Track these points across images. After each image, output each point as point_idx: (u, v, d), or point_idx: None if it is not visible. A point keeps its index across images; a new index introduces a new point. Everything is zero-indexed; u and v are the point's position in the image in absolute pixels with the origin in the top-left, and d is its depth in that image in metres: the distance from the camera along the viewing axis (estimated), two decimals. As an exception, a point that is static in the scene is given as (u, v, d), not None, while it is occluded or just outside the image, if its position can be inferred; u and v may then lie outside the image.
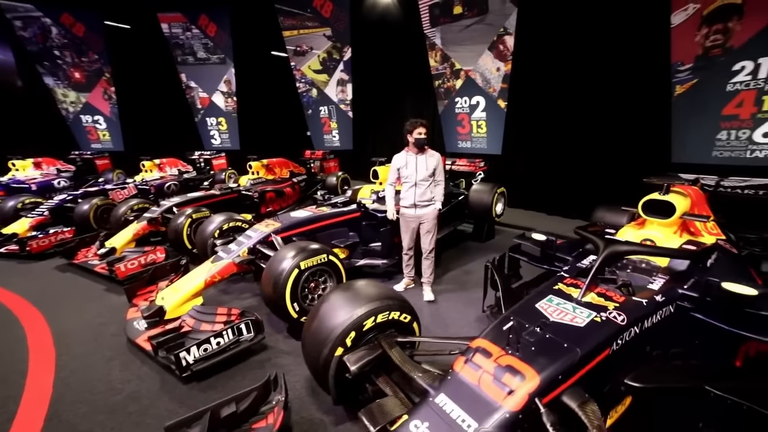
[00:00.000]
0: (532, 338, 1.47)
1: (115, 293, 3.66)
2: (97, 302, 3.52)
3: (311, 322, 1.92)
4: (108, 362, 2.57)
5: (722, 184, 3.65)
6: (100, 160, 9.29)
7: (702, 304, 1.79)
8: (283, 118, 12.48)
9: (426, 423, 1.25)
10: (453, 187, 5.68)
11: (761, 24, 3.48)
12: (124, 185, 6.76)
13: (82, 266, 4.15)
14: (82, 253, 4.44)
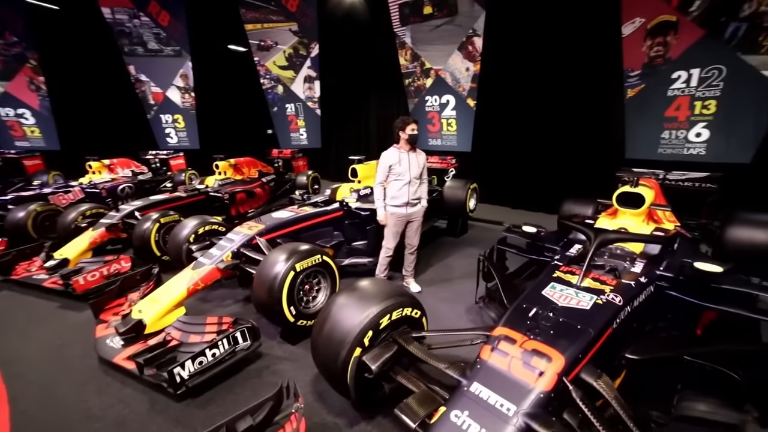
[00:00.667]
0: (548, 323, 1.57)
1: (73, 310, 3.28)
2: (50, 322, 3.13)
3: (323, 325, 1.87)
4: (80, 388, 2.30)
5: (668, 178, 4.11)
6: (30, 160, 8.18)
7: (676, 283, 2.02)
8: (246, 116, 11.89)
9: (466, 412, 1.30)
10: (437, 186, 5.82)
11: (692, 40, 3.98)
12: (67, 188, 6.05)
13: (25, 282, 3.66)
14: (21, 267, 3.91)
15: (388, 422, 1.97)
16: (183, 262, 3.48)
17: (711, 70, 3.90)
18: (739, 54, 3.74)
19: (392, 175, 3.28)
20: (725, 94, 3.87)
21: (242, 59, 9.20)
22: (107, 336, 2.62)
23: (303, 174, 7.43)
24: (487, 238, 5.50)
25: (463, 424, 1.26)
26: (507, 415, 1.26)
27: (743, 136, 3.87)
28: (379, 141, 9.68)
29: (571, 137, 5.90)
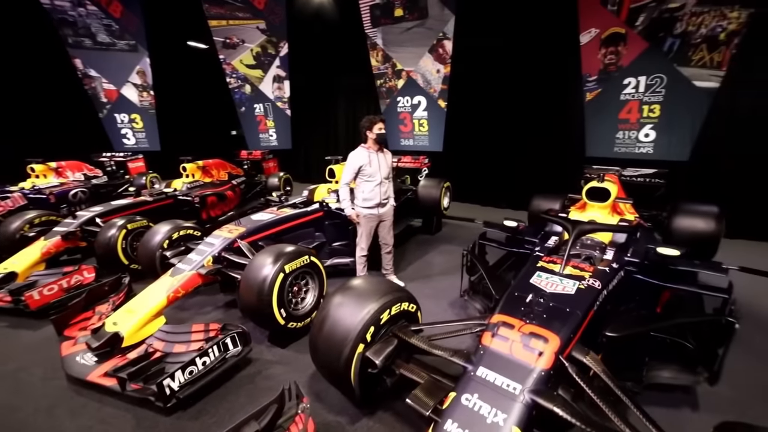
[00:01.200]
0: (540, 308, 1.70)
1: (27, 328, 2.98)
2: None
3: (322, 325, 1.88)
4: (49, 412, 2.10)
5: (623, 174, 4.52)
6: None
7: (643, 267, 2.26)
8: (210, 116, 11.37)
9: (476, 394, 1.38)
10: (401, 184, 5.93)
11: (638, 51, 4.43)
12: (4, 194, 5.44)
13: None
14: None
15: (389, 416, 2.01)
16: (157, 269, 3.29)
17: (654, 78, 4.37)
18: (675, 65, 4.22)
19: (362, 176, 3.30)
20: (666, 100, 4.35)
21: (206, 57, 8.79)
22: (76, 353, 2.42)
23: (275, 176, 7.25)
24: (461, 234, 5.73)
25: (474, 406, 1.35)
26: (514, 394, 1.36)
27: (682, 137, 4.37)
28: (348, 142, 9.69)
29: (538, 137, 6.30)
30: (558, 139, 6.07)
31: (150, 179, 7.26)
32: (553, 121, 6.06)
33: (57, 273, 3.44)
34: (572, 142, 5.66)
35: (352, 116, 9.28)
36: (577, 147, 5.50)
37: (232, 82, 7.87)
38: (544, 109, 6.11)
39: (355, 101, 8.94)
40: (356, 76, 8.52)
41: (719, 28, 3.92)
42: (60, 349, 2.50)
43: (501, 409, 1.32)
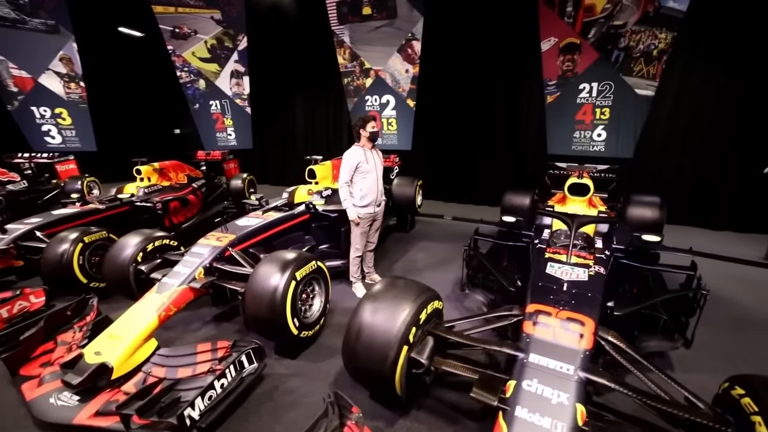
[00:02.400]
0: (566, 295, 1.85)
1: None
2: None
3: (358, 333, 1.82)
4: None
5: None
6: None
7: (628, 253, 2.56)
8: (157, 112, 10.29)
9: (535, 379, 1.47)
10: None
11: (591, 60, 4.98)
12: None
13: None
14: None
15: (424, 414, 2.03)
16: (132, 286, 2.91)
17: (605, 85, 4.93)
18: (621, 74, 4.82)
19: (358, 174, 3.29)
20: (614, 104, 4.95)
21: (148, 46, 7.88)
22: (48, 394, 2.05)
23: (237, 177, 6.77)
24: (434, 231, 5.93)
25: (537, 390, 1.43)
26: (569, 375, 1.48)
27: (627, 137, 5.01)
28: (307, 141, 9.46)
29: (502, 136, 6.74)
30: (521, 138, 6.56)
31: (87, 184, 6.35)
32: (518, 120, 6.53)
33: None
34: (534, 141, 6.16)
35: (317, 115, 9.05)
36: (539, 145, 6.00)
37: (184, 76, 7.18)
38: (511, 110, 6.56)
39: (321, 99, 8.72)
40: (324, 74, 8.33)
41: (652, 45, 4.55)
42: (21, 393, 2.09)
43: (562, 390, 1.42)
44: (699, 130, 5.24)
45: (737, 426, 1.32)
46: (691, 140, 5.34)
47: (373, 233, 3.60)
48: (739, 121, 5.03)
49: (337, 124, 8.75)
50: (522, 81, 6.18)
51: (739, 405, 1.36)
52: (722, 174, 5.28)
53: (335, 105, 8.42)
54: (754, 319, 3.10)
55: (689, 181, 5.48)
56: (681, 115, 5.27)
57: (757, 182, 4.85)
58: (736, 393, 1.40)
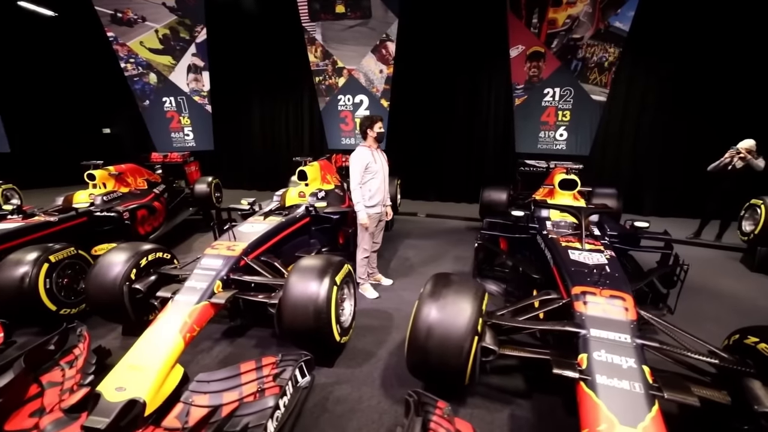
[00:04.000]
0: (600, 276, 2.09)
1: None
2: None
3: (429, 331, 1.84)
4: None
5: (549, 166, 5.57)
6: None
7: (621, 238, 2.93)
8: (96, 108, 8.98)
9: (602, 350, 1.67)
10: None
11: (553, 67, 5.54)
12: None
13: None
14: None
15: (478, 399, 2.13)
16: (127, 308, 2.55)
17: (565, 90, 5.52)
18: (579, 81, 5.45)
19: (367, 174, 3.32)
20: (574, 108, 5.57)
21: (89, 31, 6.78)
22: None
23: (202, 181, 6.22)
24: (413, 228, 6.10)
25: (608, 359, 1.63)
26: (628, 343, 1.70)
27: (585, 137, 5.67)
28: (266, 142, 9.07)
29: (474, 135, 7.15)
30: (493, 137, 7.04)
31: (3, 192, 5.32)
32: (489, 121, 6.99)
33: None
34: (501, 140, 6.66)
35: (280, 114, 8.68)
36: (506, 144, 6.50)
37: (130, 68, 6.35)
38: (478, 111, 6.98)
39: (283, 98, 8.38)
40: (287, 71, 8.00)
41: (604, 57, 5.22)
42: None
43: (627, 356, 1.63)
44: (640, 129, 6.18)
45: (756, 367, 1.63)
46: (634, 139, 6.27)
47: (377, 233, 3.62)
48: (673, 122, 6.04)
49: (309, 124, 8.50)
50: (494, 83, 6.63)
51: (755, 350, 1.68)
52: (660, 167, 6.30)
53: (306, 104, 8.17)
54: (693, 287, 3.67)
55: (634, 174, 6.43)
56: (627, 119, 6.15)
57: (690, 174, 5.87)
58: (751, 341, 1.73)
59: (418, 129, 7.50)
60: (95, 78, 9.27)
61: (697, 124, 5.98)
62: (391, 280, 3.88)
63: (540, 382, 2.26)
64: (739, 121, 5.56)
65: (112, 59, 6.35)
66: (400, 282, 3.92)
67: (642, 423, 1.37)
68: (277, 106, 8.67)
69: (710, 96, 5.86)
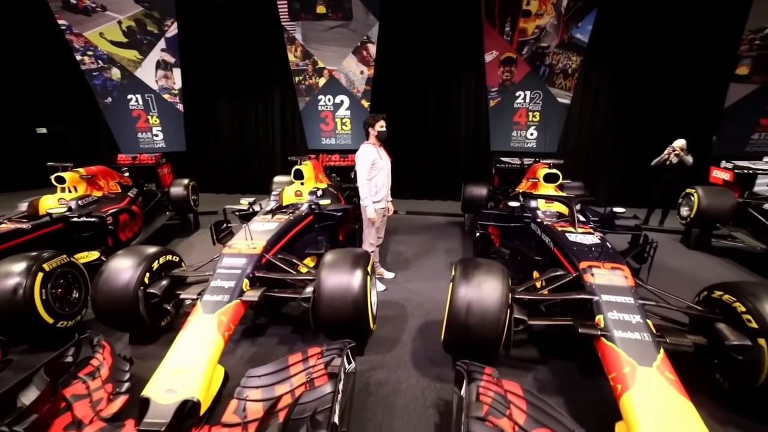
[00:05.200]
0: (598, 253, 2.43)
1: None
2: None
3: (468, 310, 2.03)
4: None
5: (524, 162, 6.07)
6: None
7: (602, 222, 3.35)
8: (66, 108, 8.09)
9: (614, 310, 1.99)
10: (340, 182, 6.01)
11: (524, 72, 6.05)
12: None
13: None
14: None
15: (505, 369, 2.36)
16: (142, 313, 2.44)
17: (535, 93, 6.06)
18: (547, 86, 6.00)
19: (374, 170, 3.47)
20: (543, 109, 6.12)
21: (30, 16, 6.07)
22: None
23: (178, 184, 5.88)
24: (399, 225, 6.36)
25: (620, 317, 1.95)
26: (632, 303, 2.03)
27: (552, 136, 6.25)
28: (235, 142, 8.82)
29: (451, 135, 7.53)
30: (469, 137, 7.48)
31: None
32: (464, 122, 7.41)
33: None
34: (480, 139, 7.11)
35: (257, 114, 8.45)
36: (479, 143, 6.97)
37: (88, 61, 5.81)
38: (458, 112, 7.38)
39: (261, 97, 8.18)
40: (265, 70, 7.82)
41: (568, 65, 5.82)
42: None
43: (634, 314, 1.96)
44: (595, 129, 6.96)
45: (722, 314, 2.06)
46: (588, 137, 7.03)
47: (381, 227, 3.76)
48: (624, 123, 6.89)
49: (288, 124, 8.37)
50: (471, 87, 7.06)
51: (721, 301, 2.09)
52: (613, 162, 7.14)
53: (285, 104, 8.03)
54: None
55: (594, 168, 7.22)
56: (583, 118, 6.89)
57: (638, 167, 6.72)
58: (717, 295, 2.14)
59: (394, 129, 7.70)
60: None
61: (643, 124, 6.88)
62: (393, 273, 4.03)
63: (551, 352, 2.55)
64: (675, 122, 6.49)
65: (65, 50, 5.78)
66: (401, 275, 4.08)
67: (655, 362, 1.69)
68: (257, 105, 8.44)
69: (654, 100, 6.79)
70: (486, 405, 1.68)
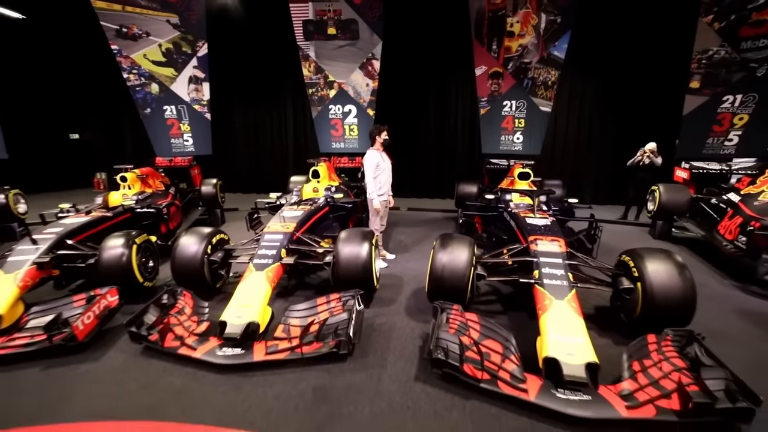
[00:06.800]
0: (544, 230, 3.27)
1: (78, 363, 2.57)
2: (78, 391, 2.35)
3: (444, 265, 2.88)
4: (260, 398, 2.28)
5: (509, 164, 6.90)
6: None
7: (561, 212, 4.18)
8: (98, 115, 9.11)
9: (546, 267, 2.81)
10: (348, 182, 6.89)
11: (510, 84, 6.87)
12: None
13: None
14: None
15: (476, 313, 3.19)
16: (206, 276, 3.34)
17: (520, 102, 6.88)
18: (530, 96, 6.82)
19: (377, 170, 4.32)
20: (527, 116, 6.93)
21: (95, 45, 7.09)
22: (212, 350, 2.50)
23: (208, 183, 6.80)
24: (401, 220, 7.26)
25: (550, 271, 2.76)
26: (560, 263, 2.83)
27: (536, 140, 7.06)
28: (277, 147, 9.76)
29: (446, 140, 8.39)
30: (462, 141, 8.35)
31: (13, 196, 5.60)
32: (459, 127, 8.29)
33: (64, 304, 2.94)
34: (472, 143, 7.95)
35: (275, 121, 9.40)
36: (472, 146, 7.82)
37: (133, 78, 6.77)
38: (454, 120, 8.26)
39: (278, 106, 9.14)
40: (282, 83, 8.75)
41: (548, 78, 6.63)
42: (185, 355, 2.50)
43: (561, 270, 2.77)
44: (579, 135, 7.83)
45: (624, 270, 2.86)
46: (569, 141, 7.85)
47: (384, 216, 4.61)
48: (599, 128, 7.75)
49: (300, 130, 9.32)
50: (461, 96, 7.93)
51: (624, 262, 2.89)
52: (588, 164, 7.92)
53: (299, 112, 8.99)
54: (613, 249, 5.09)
55: (568, 169, 8.04)
56: (568, 125, 7.76)
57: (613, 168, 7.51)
58: (624, 259, 2.94)
59: (398, 135, 8.57)
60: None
61: (617, 129, 7.70)
62: (394, 255, 4.89)
63: (511, 306, 3.39)
64: (645, 127, 7.28)
65: (115, 70, 6.75)
66: (401, 256, 4.93)
67: (567, 297, 2.52)
68: (275, 114, 9.44)
69: (625, 107, 7.60)
70: (452, 327, 2.54)
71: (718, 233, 4.58)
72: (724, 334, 2.89)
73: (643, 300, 2.58)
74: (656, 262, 2.62)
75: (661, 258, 2.65)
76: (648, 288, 2.55)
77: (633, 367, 2.19)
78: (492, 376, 2.16)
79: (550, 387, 2.07)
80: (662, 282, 2.53)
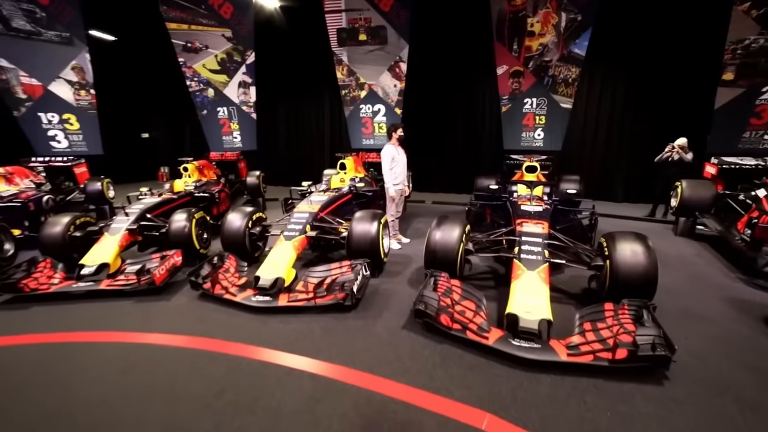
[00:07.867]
0: (534, 215, 3.64)
1: (158, 300, 3.46)
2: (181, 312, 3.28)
3: (437, 239, 3.40)
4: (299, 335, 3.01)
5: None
6: None
7: (562, 202, 4.47)
8: (163, 117, 10.70)
9: (526, 245, 3.23)
10: (376, 174, 7.49)
11: (530, 83, 7.07)
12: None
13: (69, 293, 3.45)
14: (35, 282, 3.53)
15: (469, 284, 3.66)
16: (246, 245, 4.13)
17: (540, 100, 7.05)
18: (551, 93, 6.97)
19: (393, 162, 4.87)
20: (548, 113, 7.09)
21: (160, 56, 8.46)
22: (247, 298, 3.25)
23: (252, 175, 7.80)
24: (423, 211, 7.70)
25: (529, 248, 3.17)
26: (539, 242, 3.22)
27: (557, 136, 7.19)
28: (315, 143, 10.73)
29: (471, 136, 8.74)
30: (482, 138, 8.65)
31: (106, 184, 6.91)
32: (482, 125, 8.61)
33: (146, 259, 3.88)
34: (491, 140, 8.24)
35: (312, 120, 10.35)
36: (496, 143, 8.08)
37: (194, 85, 7.97)
38: (473, 117, 8.59)
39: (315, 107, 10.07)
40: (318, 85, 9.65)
41: (568, 75, 6.75)
42: (228, 299, 3.28)
43: (539, 247, 3.17)
44: (601, 131, 7.78)
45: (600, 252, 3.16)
46: (595, 138, 7.85)
47: (400, 204, 5.14)
48: (626, 124, 7.64)
49: (336, 128, 10.20)
50: (484, 95, 8.25)
51: (601, 245, 3.19)
52: (618, 161, 7.85)
53: (334, 111, 9.85)
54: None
55: (597, 166, 8.00)
56: (588, 122, 7.75)
57: (643, 166, 7.40)
58: (602, 241, 3.23)
59: (425, 132, 9.08)
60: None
61: (646, 125, 7.53)
62: (409, 239, 5.42)
63: (501, 282, 3.80)
64: (675, 123, 7.08)
65: (179, 79, 7.99)
66: (414, 240, 5.44)
67: (538, 269, 2.93)
68: (312, 113, 10.41)
69: (651, 102, 7.41)
70: (439, 290, 3.06)
71: (736, 229, 4.56)
72: (699, 315, 3.10)
73: (611, 275, 2.91)
74: (624, 243, 2.93)
75: (630, 240, 2.94)
76: (614, 265, 2.88)
77: (583, 326, 2.57)
78: (462, 327, 2.65)
79: (508, 337, 2.53)
80: (626, 260, 2.84)
